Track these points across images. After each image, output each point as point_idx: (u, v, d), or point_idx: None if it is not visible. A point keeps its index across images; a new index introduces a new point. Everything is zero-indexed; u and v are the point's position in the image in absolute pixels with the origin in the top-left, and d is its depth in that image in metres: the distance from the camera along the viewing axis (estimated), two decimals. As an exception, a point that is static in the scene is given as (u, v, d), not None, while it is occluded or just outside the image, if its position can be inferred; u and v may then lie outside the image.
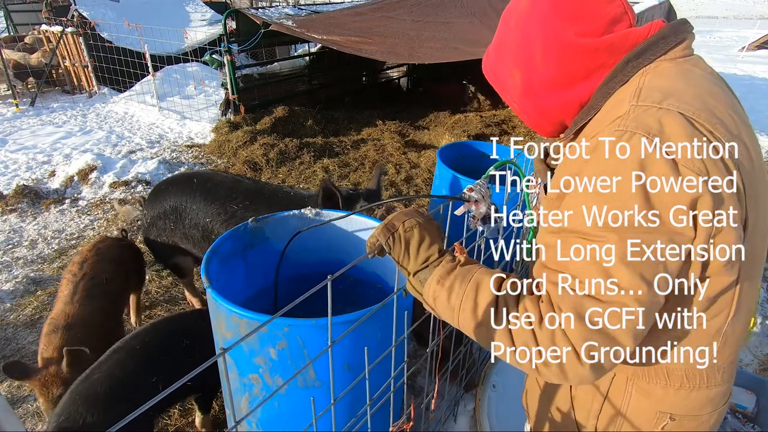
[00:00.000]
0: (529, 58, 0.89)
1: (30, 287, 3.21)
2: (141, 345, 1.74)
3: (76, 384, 1.64)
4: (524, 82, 0.92)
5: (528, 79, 0.91)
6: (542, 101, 0.93)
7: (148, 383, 1.65)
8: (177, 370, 1.69)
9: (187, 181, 2.52)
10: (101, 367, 1.67)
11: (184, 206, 2.45)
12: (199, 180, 2.50)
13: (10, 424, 0.50)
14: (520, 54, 0.91)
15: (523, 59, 0.90)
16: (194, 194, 2.43)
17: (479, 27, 5.64)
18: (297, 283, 1.99)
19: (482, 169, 3.36)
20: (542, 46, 0.87)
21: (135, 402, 1.54)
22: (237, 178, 2.52)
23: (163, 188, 2.59)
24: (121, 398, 1.58)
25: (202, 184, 2.46)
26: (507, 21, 0.95)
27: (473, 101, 8.43)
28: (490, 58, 1.01)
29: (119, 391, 1.59)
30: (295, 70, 7.64)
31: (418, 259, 0.90)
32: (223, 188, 2.42)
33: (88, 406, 1.54)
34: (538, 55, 0.88)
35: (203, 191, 2.43)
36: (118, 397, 1.58)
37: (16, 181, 4.62)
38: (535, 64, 0.89)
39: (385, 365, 1.22)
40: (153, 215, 2.56)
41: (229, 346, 0.69)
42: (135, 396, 1.60)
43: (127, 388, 1.61)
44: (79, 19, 7.32)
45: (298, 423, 1.43)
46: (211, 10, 9.66)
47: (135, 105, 7.13)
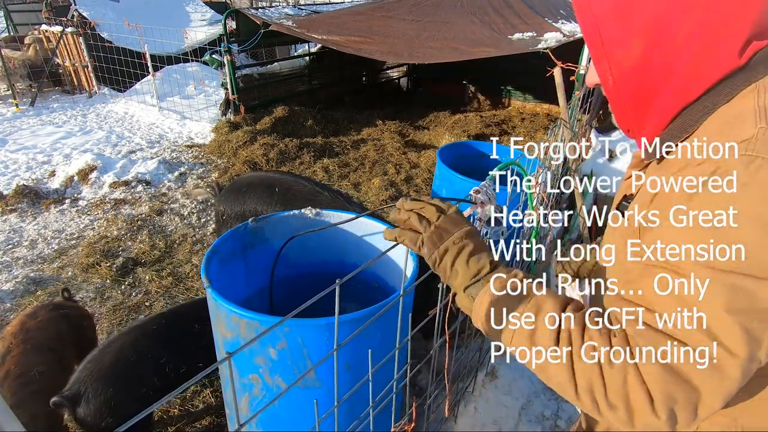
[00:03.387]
0: (669, 35, 0.71)
1: (30, 287, 3.20)
2: (156, 327, 1.82)
3: (90, 356, 1.72)
4: (642, 59, 0.74)
5: (649, 57, 0.73)
6: (651, 87, 0.76)
7: (157, 363, 1.73)
8: (185, 353, 1.79)
9: (268, 189, 2.53)
10: (115, 344, 1.74)
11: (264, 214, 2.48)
12: (281, 189, 2.51)
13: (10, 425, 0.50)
14: (658, 25, 0.71)
15: (659, 33, 0.71)
16: (275, 204, 2.46)
17: (479, 26, 5.63)
18: (297, 283, 2.00)
19: (482, 169, 3.38)
20: (697, 26, 0.70)
21: (142, 378, 1.60)
22: (317, 189, 2.50)
23: (244, 191, 2.62)
24: (131, 374, 1.67)
25: (283, 194, 2.48)
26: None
27: (473, 101, 8.43)
28: (602, 7, 0.76)
29: (128, 368, 1.68)
30: (295, 70, 7.64)
31: (469, 273, 0.80)
32: (301, 200, 2.42)
33: (97, 379, 1.63)
34: (682, 35, 0.71)
35: (283, 202, 2.45)
36: (127, 373, 1.67)
37: (16, 181, 4.62)
38: (672, 44, 0.71)
39: (386, 365, 1.22)
40: (230, 214, 2.60)
41: (233, 350, 0.68)
42: (143, 372, 1.69)
43: (136, 366, 1.70)
44: (79, 19, 7.31)
45: (297, 422, 1.43)
46: (211, 10, 9.65)
47: (135, 105, 7.13)
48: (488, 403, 2.25)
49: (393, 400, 1.30)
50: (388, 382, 1.15)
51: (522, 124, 7.05)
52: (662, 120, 0.79)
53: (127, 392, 1.68)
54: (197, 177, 4.99)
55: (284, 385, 1.31)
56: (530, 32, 5.10)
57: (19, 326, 1.87)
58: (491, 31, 5.44)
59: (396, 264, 1.82)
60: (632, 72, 0.75)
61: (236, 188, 2.68)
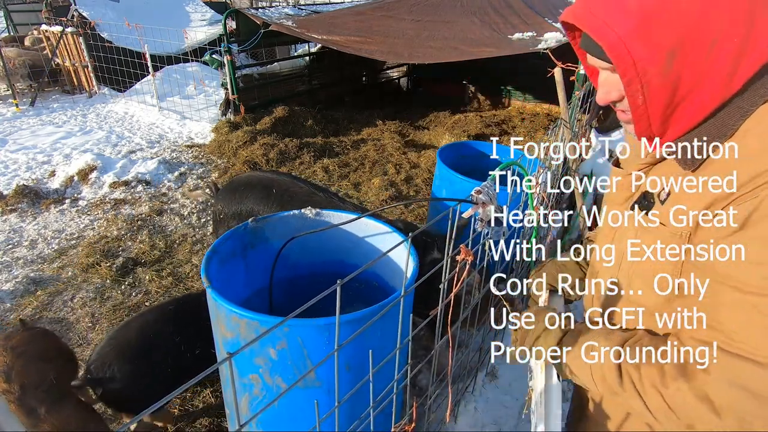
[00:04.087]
0: (699, 42, 0.69)
1: (30, 287, 3.20)
2: (174, 308, 1.98)
3: (112, 333, 1.90)
4: (675, 72, 0.71)
5: (681, 68, 0.71)
6: (681, 96, 0.74)
7: (172, 342, 1.88)
8: (197, 335, 1.88)
9: (266, 190, 2.56)
10: (136, 322, 1.91)
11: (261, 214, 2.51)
12: (278, 190, 2.54)
13: (10, 425, 0.50)
14: (688, 33, 0.69)
15: (689, 42, 0.69)
16: (272, 205, 2.48)
17: (479, 26, 5.63)
18: (297, 283, 2.00)
19: (482, 169, 3.37)
20: (726, 26, 0.68)
21: (156, 355, 1.72)
22: (312, 191, 2.55)
23: (242, 190, 2.64)
24: (147, 351, 1.84)
25: (280, 195, 2.51)
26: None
27: (473, 101, 8.43)
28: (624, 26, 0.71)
29: (146, 345, 1.84)
30: (295, 70, 7.64)
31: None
32: (298, 201, 2.45)
33: (117, 354, 1.80)
34: (711, 38, 0.69)
35: (280, 202, 2.48)
36: (144, 349, 1.83)
37: (16, 181, 4.62)
38: (703, 50, 0.69)
39: (386, 365, 1.22)
40: (227, 213, 2.62)
41: (233, 350, 0.68)
42: (158, 350, 1.84)
43: (153, 343, 1.85)
44: (79, 19, 7.31)
45: (297, 422, 1.42)
46: (211, 10, 9.65)
47: (135, 105, 7.13)
48: (488, 403, 2.25)
49: (393, 400, 1.30)
50: (389, 382, 1.15)
51: (522, 124, 7.05)
52: (690, 124, 0.78)
53: (146, 369, 1.82)
54: (197, 177, 4.99)
55: (284, 386, 1.31)
56: (530, 32, 5.10)
57: (2, 349, 1.82)
58: (491, 31, 5.44)
59: (396, 264, 1.82)
60: (664, 86, 0.73)
61: (233, 188, 2.68)
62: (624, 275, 0.92)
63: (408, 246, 1.07)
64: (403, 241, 1.07)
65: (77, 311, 2.97)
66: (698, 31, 0.68)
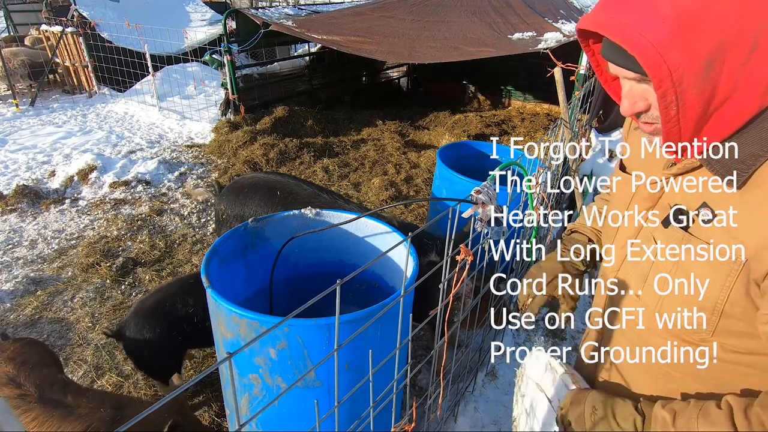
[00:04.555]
0: (736, 49, 0.65)
1: (30, 287, 3.20)
2: (193, 282, 2.16)
3: (138, 301, 2.22)
4: (711, 81, 0.68)
5: (717, 77, 0.67)
6: (716, 105, 0.70)
7: (186, 311, 2.09)
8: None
9: (270, 192, 2.57)
10: (160, 292, 2.19)
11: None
12: (282, 192, 2.56)
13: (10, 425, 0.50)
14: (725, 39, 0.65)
15: (726, 49, 0.65)
16: (276, 207, 2.49)
17: (479, 26, 5.63)
18: (297, 283, 2.00)
19: (482, 169, 3.37)
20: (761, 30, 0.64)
21: (174, 322, 1.96)
22: (317, 192, 2.56)
23: (246, 191, 2.64)
24: (165, 318, 2.09)
25: (284, 197, 2.53)
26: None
27: (473, 101, 8.43)
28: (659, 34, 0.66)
29: (164, 312, 2.10)
30: (295, 70, 7.64)
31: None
32: (302, 203, 2.47)
33: (138, 318, 2.09)
34: (748, 45, 0.65)
35: (284, 205, 2.50)
36: (163, 316, 2.09)
37: (16, 181, 4.62)
38: (739, 58, 0.66)
39: (386, 365, 1.22)
40: (231, 214, 2.63)
41: (233, 350, 0.68)
42: (176, 318, 2.08)
43: (171, 312, 2.10)
44: (79, 19, 7.32)
45: (297, 421, 1.43)
46: (211, 10, 9.65)
47: (135, 105, 7.13)
48: (488, 403, 2.25)
49: (393, 400, 1.30)
50: (389, 382, 1.15)
51: (522, 124, 7.05)
52: (725, 133, 0.73)
53: (160, 332, 2.08)
54: (197, 177, 4.99)
55: (284, 385, 1.31)
56: (530, 32, 5.10)
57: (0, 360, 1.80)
58: (491, 31, 5.44)
59: (396, 264, 1.82)
60: (700, 96, 0.68)
61: (237, 189, 2.68)
62: (646, 286, 0.88)
63: (408, 246, 1.07)
64: (402, 241, 1.08)
65: (77, 311, 2.97)
66: (738, 35, 0.64)
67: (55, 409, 1.61)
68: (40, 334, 2.79)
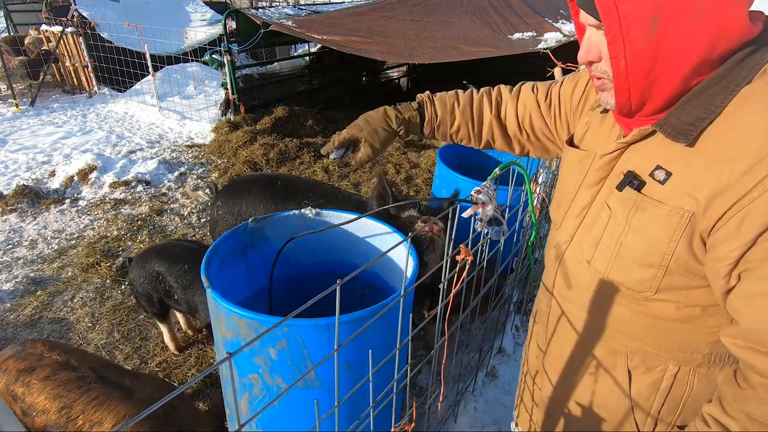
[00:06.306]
0: (683, 7, 0.70)
1: (30, 287, 3.20)
2: (194, 246, 2.51)
3: (146, 249, 2.60)
4: (658, 36, 0.72)
5: (664, 33, 0.72)
6: (663, 64, 0.75)
7: (182, 268, 2.34)
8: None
9: (270, 182, 2.62)
10: (165, 249, 2.47)
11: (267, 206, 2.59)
12: (283, 182, 2.61)
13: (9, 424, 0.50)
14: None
15: (674, 6, 0.70)
16: (277, 197, 2.53)
17: (479, 26, 5.63)
18: (297, 283, 2.00)
19: (482, 168, 3.37)
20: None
21: (160, 274, 2.40)
22: (316, 182, 2.63)
23: (245, 185, 2.67)
24: (154, 268, 2.41)
25: (284, 186, 2.58)
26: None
27: (473, 101, 8.43)
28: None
29: (166, 261, 2.39)
30: (295, 70, 7.64)
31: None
32: (301, 191, 2.53)
33: (136, 260, 2.52)
34: (695, 6, 0.70)
35: (284, 194, 2.55)
36: (152, 266, 2.41)
37: (16, 181, 4.62)
38: (686, 17, 0.71)
39: (386, 365, 1.22)
40: (232, 210, 2.65)
41: (233, 350, 0.68)
42: (174, 269, 2.36)
43: (171, 265, 2.38)
44: (79, 19, 7.31)
45: (297, 421, 1.42)
46: (211, 10, 9.65)
47: (135, 105, 7.13)
48: (488, 403, 2.25)
49: (393, 400, 1.30)
50: (389, 382, 1.15)
51: (522, 124, 7.05)
52: (670, 99, 0.79)
53: (148, 275, 2.41)
54: (197, 177, 4.99)
55: (284, 385, 1.31)
56: (530, 32, 5.10)
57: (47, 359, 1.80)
58: (491, 31, 5.44)
59: (396, 264, 1.82)
60: (646, 50, 0.73)
61: (236, 186, 2.71)
62: (597, 252, 0.93)
63: (408, 246, 1.07)
64: (402, 241, 1.07)
65: (77, 311, 2.97)
66: (679, 3, 0.70)
67: (114, 390, 1.67)
68: (40, 334, 2.79)
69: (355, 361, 1.36)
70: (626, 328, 0.95)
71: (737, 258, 0.72)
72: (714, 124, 0.76)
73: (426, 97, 1.39)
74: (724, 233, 0.73)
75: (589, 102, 1.09)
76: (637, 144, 0.88)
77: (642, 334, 0.94)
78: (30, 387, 1.67)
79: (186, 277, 2.32)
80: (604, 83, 0.85)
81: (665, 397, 0.97)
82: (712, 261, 0.77)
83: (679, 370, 0.94)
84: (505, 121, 1.30)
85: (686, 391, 0.95)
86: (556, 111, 1.20)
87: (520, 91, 1.29)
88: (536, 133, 1.26)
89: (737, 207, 0.71)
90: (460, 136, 1.36)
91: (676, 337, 0.91)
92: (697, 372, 0.93)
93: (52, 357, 1.74)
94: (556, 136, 1.22)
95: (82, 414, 1.60)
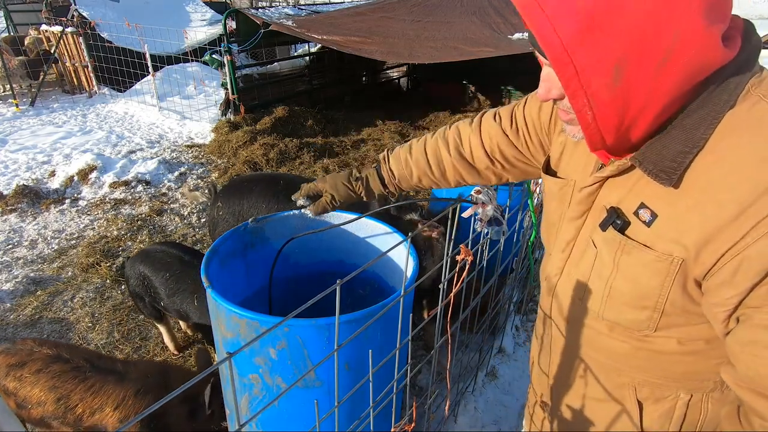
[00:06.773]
0: (650, 48, 0.61)
1: (30, 287, 3.20)
2: (177, 252, 2.48)
3: (136, 252, 2.62)
4: (624, 83, 0.64)
5: (631, 79, 0.64)
6: (635, 108, 0.67)
7: (163, 276, 2.35)
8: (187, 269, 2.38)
9: (273, 180, 2.61)
10: (149, 254, 2.47)
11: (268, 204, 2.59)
12: (284, 180, 2.61)
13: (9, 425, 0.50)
14: (636, 39, 0.60)
15: (638, 49, 0.61)
16: (279, 195, 2.52)
17: (479, 26, 5.63)
18: (297, 283, 2.00)
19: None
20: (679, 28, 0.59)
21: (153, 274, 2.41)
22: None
23: (245, 184, 2.66)
24: (146, 271, 2.40)
25: (286, 185, 2.57)
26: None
27: (473, 101, 8.43)
28: (567, 30, 0.62)
29: (149, 267, 2.41)
30: (295, 70, 7.64)
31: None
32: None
33: (132, 260, 2.51)
34: (664, 44, 0.60)
35: (286, 191, 2.53)
36: (146, 268, 2.41)
37: (16, 181, 4.62)
38: (655, 58, 0.62)
39: (386, 365, 1.22)
40: (233, 210, 2.65)
41: (233, 350, 0.68)
42: (173, 267, 2.37)
43: (154, 272, 2.38)
44: (79, 19, 7.32)
45: (297, 421, 1.42)
46: (211, 10, 9.65)
47: (135, 105, 7.13)
48: (488, 403, 2.25)
49: (393, 400, 1.30)
50: (389, 382, 1.15)
51: (522, 124, 7.05)
52: (645, 136, 0.72)
53: (138, 278, 2.42)
54: (197, 177, 4.99)
55: (284, 385, 1.31)
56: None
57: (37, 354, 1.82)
58: (491, 31, 5.44)
59: (396, 264, 1.82)
60: (614, 101, 0.65)
61: (236, 186, 2.70)
62: (587, 292, 0.88)
63: (408, 246, 1.07)
64: (402, 241, 1.07)
65: (77, 311, 2.98)
66: (645, 47, 0.61)
67: (109, 376, 1.73)
68: (40, 334, 2.79)
69: (355, 361, 1.36)
70: (629, 361, 0.90)
71: (735, 305, 0.68)
72: (698, 159, 0.69)
73: (382, 157, 1.35)
74: (718, 280, 0.69)
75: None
76: (615, 178, 0.81)
77: (646, 366, 0.89)
78: (22, 381, 1.70)
79: (168, 285, 2.32)
80: (572, 119, 0.77)
81: (680, 426, 0.92)
82: (708, 305, 0.73)
83: (692, 398, 0.89)
84: (472, 158, 1.20)
85: (701, 416, 0.90)
86: (525, 135, 1.12)
87: (481, 122, 1.20)
88: (510, 161, 1.16)
89: (730, 254, 0.66)
90: (425, 184, 1.30)
91: (681, 369, 0.86)
92: (710, 397, 0.89)
93: (42, 351, 1.78)
94: (533, 160, 1.13)
95: (80, 402, 1.66)
